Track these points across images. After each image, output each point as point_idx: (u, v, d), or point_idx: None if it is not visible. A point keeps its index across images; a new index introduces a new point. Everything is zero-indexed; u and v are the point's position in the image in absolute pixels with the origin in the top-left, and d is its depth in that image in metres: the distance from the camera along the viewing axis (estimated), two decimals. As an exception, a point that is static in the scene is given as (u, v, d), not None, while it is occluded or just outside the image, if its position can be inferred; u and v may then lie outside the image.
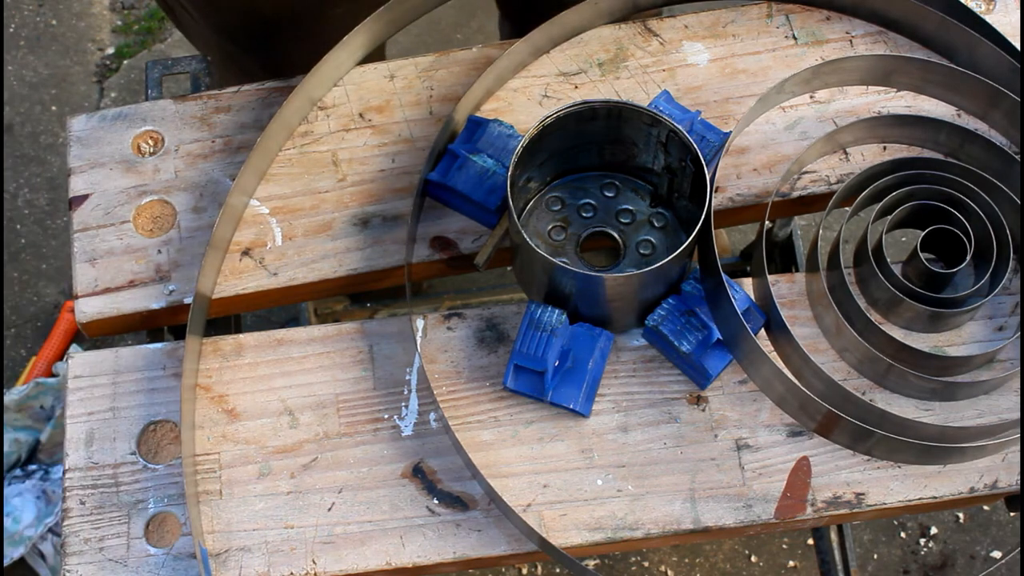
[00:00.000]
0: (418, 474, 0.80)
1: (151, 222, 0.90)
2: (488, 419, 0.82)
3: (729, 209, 0.89)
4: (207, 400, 0.83)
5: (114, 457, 0.81)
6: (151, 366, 0.84)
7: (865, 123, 0.87)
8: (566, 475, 0.80)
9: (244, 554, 0.78)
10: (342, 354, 0.84)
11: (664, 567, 1.61)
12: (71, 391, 0.83)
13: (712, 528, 0.78)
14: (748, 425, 0.81)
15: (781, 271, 1.23)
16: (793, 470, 0.79)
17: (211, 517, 0.79)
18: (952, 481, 0.79)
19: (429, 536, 0.78)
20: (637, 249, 0.85)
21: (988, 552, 1.62)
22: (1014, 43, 0.92)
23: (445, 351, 0.84)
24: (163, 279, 0.87)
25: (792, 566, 1.62)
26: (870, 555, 1.62)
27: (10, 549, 1.52)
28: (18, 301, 1.81)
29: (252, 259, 0.88)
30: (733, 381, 0.82)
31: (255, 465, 0.81)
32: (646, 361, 0.83)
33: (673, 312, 0.81)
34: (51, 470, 1.59)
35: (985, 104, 0.88)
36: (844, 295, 0.81)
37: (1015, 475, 0.79)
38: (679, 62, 0.93)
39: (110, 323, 0.87)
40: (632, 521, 0.79)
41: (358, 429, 0.82)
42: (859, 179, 0.84)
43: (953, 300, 0.81)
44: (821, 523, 0.81)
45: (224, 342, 0.85)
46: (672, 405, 0.82)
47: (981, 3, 0.96)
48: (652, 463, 0.80)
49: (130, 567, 0.78)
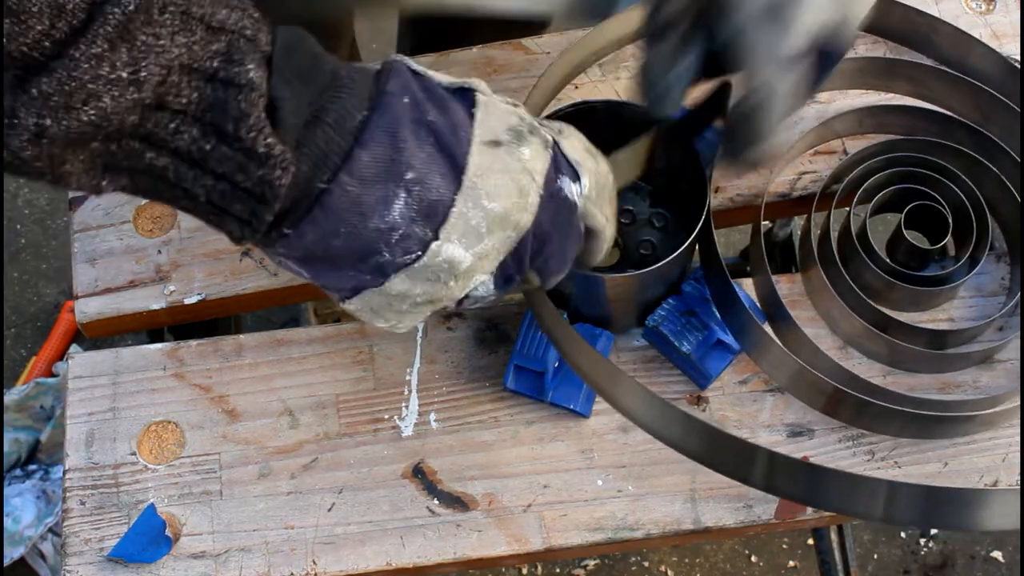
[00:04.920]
0: (418, 474, 0.80)
1: (151, 222, 0.90)
2: (488, 419, 0.82)
3: (729, 209, 0.89)
4: (207, 400, 0.83)
5: (114, 457, 0.81)
6: (151, 366, 0.84)
7: (856, 113, 0.88)
8: (566, 475, 0.80)
9: (244, 554, 0.78)
10: (342, 354, 0.84)
11: (664, 567, 1.61)
12: (71, 391, 0.83)
13: (712, 528, 0.78)
14: (748, 425, 0.81)
15: (781, 271, 1.23)
16: (793, 470, 0.79)
17: (211, 517, 0.79)
18: (952, 481, 0.79)
19: (429, 536, 0.78)
20: (637, 249, 0.85)
21: (988, 552, 1.62)
22: (1014, 43, 0.92)
23: (445, 351, 0.84)
24: (163, 279, 0.87)
25: (792, 566, 1.62)
26: (870, 555, 1.62)
27: (10, 549, 1.52)
28: (18, 301, 1.81)
29: (252, 259, 0.88)
30: (733, 381, 0.82)
31: (255, 465, 0.81)
32: (646, 361, 0.83)
33: (673, 312, 0.81)
34: (51, 470, 1.59)
35: (986, 110, 0.88)
36: (838, 279, 0.82)
37: (1015, 475, 0.79)
38: (679, 62, 0.93)
39: (110, 323, 0.87)
40: (632, 521, 0.79)
41: (358, 429, 0.82)
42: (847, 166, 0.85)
43: (938, 278, 0.83)
44: (821, 523, 0.81)
45: (224, 342, 0.85)
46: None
47: (981, 3, 0.95)
48: (652, 463, 0.80)
49: (130, 567, 0.78)
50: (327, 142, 0.53)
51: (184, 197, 0.53)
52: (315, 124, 0.53)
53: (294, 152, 0.52)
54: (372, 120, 0.54)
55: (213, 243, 0.89)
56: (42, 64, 0.46)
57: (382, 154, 0.54)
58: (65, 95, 0.46)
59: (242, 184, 0.52)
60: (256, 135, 0.51)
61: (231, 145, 0.51)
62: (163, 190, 0.53)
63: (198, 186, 0.52)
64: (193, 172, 0.52)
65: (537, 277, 0.63)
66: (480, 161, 0.57)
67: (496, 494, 0.79)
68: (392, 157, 0.54)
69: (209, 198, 0.53)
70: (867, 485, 0.69)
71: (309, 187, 0.54)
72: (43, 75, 0.46)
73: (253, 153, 0.51)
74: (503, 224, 0.58)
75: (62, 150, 0.48)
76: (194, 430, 0.82)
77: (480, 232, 0.57)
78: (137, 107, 0.48)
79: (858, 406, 0.77)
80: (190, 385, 0.83)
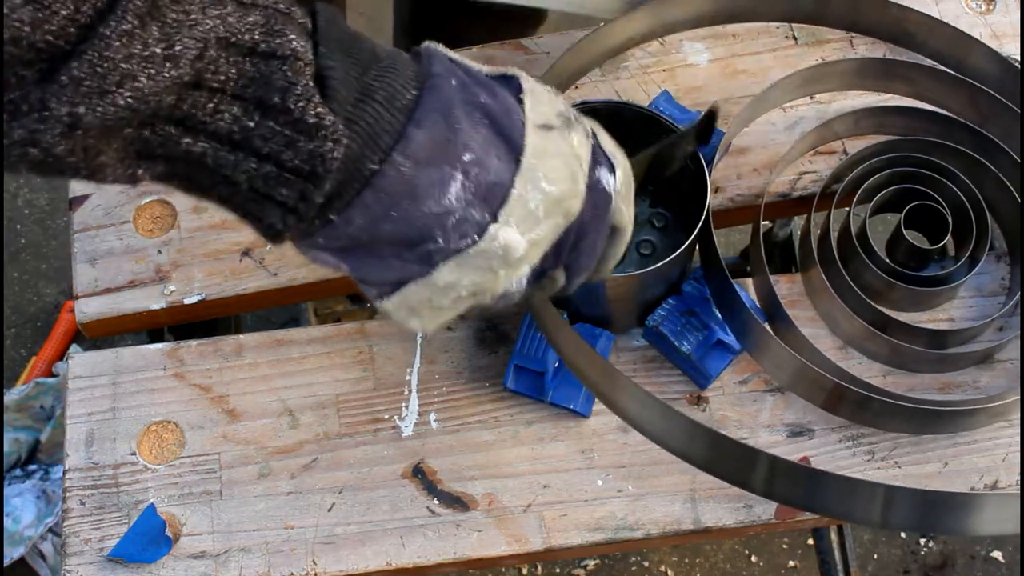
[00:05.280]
0: (418, 474, 0.80)
1: (151, 222, 0.90)
2: (488, 419, 0.82)
3: (729, 209, 0.89)
4: (207, 400, 0.83)
5: (114, 457, 0.81)
6: (151, 366, 0.84)
7: (856, 113, 0.88)
8: (566, 475, 0.80)
9: (244, 554, 0.78)
10: (342, 354, 0.84)
11: (664, 567, 1.61)
12: (71, 391, 0.83)
13: (712, 528, 0.78)
14: (748, 425, 0.81)
15: (781, 271, 1.23)
16: (793, 470, 0.79)
17: (211, 517, 0.79)
18: (952, 481, 0.79)
19: (429, 536, 0.78)
20: (637, 249, 0.85)
21: (988, 552, 1.62)
22: (1014, 43, 0.92)
23: (445, 351, 0.84)
24: (163, 279, 0.87)
25: (792, 566, 1.62)
26: (870, 555, 1.62)
27: (10, 549, 1.52)
28: (18, 301, 1.81)
29: (252, 259, 0.88)
30: (733, 381, 0.82)
31: (255, 465, 0.81)
32: (646, 361, 0.83)
33: (673, 312, 0.81)
34: (51, 470, 1.59)
35: (985, 111, 0.88)
36: (838, 280, 0.82)
37: (1015, 475, 0.79)
38: (679, 62, 0.93)
39: (110, 323, 0.87)
40: (632, 521, 0.79)
41: (358, 429, 0.82)
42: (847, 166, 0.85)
43: (938, 278, 0.83)
44: (821, 523, 0.81)
45: (224, 342, 0.85)
46: (672, 405, 0.81)
47: (981, 3, 0.95)
48: (652, 463, 0.80)
49: (130, 567, 0.78)
50: (377, 120, 0.50)
51: (223, 184, 0.50)
52: (363, 102, 0.50)
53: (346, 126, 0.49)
54: (425, 100, 0.52)
55: (213, 243, 0.89)
56: (68, 52, 0.43)
57: (438, 134, 0.51)
58: (98, 78, 0.43)
59: (290, 163, 0.49)
60: (305, 104, 0.48)
61: (277, 119, 0.48)
62: (200, 178, 0.50)
63: (239, 172, 0.49)
64: (234, 156, 0.48)
65: (564, 275, 0.61)
66: (536, 143, 0.54)
67: (496, 494, 0.79)
68: (448, 138, 0.52)
69: (251, 184, 0.49)
70: (865, 490, 0.69)
71: (358, 168, 0.50)
72: (72, 60, 0.43)
73: (302, 124, 0.48)
74: (558, 209, 0.56)
75: (97, 140, 0.45)
76: (194, 430, 0.82)
77: (537, 216, 0.55)
78: (174, 86, 0.45)
79: (858, 402, 0.77)
80: (190, 385, 0.83)
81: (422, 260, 0.54)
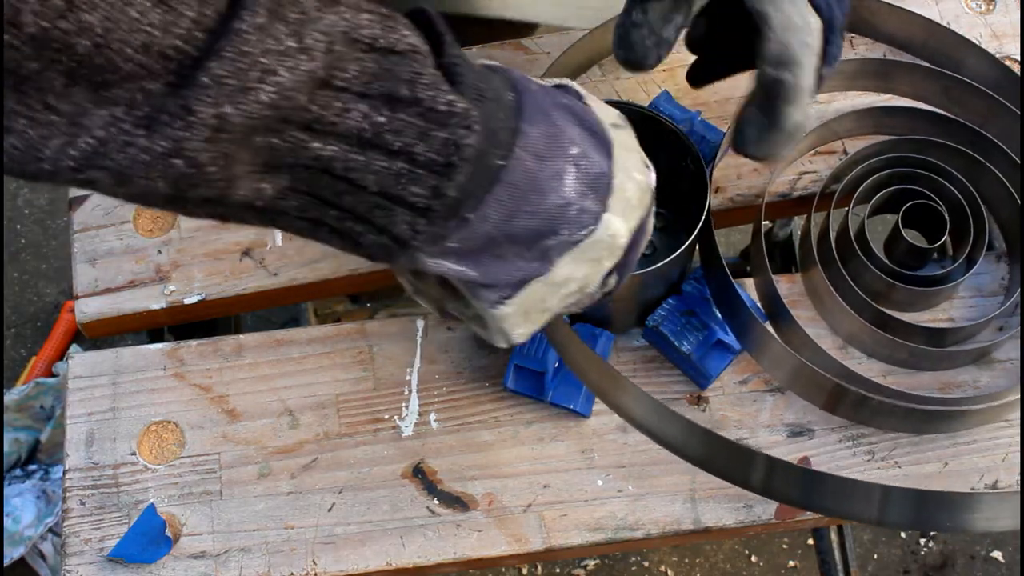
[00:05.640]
0: (418, 474, 0.80)
1: (151, 222, 0.90)
2: (488, 419, 0.82)
3: (729, 209, 0.89)
4: (207, 400, 0.83)
5: (114, 457, 0.81)
6: (151, 366, 0.84)
7: (856, 113, 0.88)
8: (566, 475, 0.80)
9: (244, 554, 0.78)
10: (342, 354, 0.84)
11: (664, 567, 1.61)
12: (71, 391, 0.83)
13: (712, 528, 0.78)
14: (748, 425, 0.81)
15: (781, 271, 1.23)
16: (793, 470, 0.79)
17: (211, 517, 0.79)
18: (952, 481, 0.79)
19: (429, 536, 0.78)
20: (637, 249, 0.85)
21: (988, 552, 1.62)
22: (1014, 43, 0.92)
23: (445, 351, 0.84)
24: (163, 279, 0.87)
25: (792, 566, 1.62)
26: (870, 555, 1.62)
27: (10, 549, 1.52)
28: (18, 301, 1.81)
29: (252, 259, 0.88)
30: (733, 381, 0.82)
31: (255, 465, 0.81)
32: (646, 361, 0.83)
33: (673, 312, 0.81)
34: (51, 470, 1.59)
35: (984, 112, 0.88)
36: (838, 279, 0.82)
37: (1015, 475, 0.79)
38: (679, 62, 0.93)
39: (110, 323, 0.87)
40: (632, 521, 0.79)
41: (358, 429, 0.82)
42: (847, 166, 0.85)
43: (937, 277, 0.83)
44: (821, 523, 0.81)
45: (224, 342, 0.85)
46: (672, 405, 0.81)
47: (981, 3, 0.95)
48: (652, 463, 0.80)
49: (130, 567, 0.78)
50: (493, 117, 0.51)
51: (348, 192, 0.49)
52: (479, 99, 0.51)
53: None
54: (524, 99, 0.53)
55: (213, 243, 0.89)
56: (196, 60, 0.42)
57: (547, 130, 0.53)
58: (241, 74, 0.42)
59: (422, 156, 0.48)
60: (435, 93, 0.48)
61: (407, 110, 0.48)
62: (323, 187, 0.49)
63: (368, 173, 0.48)
64: (364, 156, 0.48)
65: (616, 278, 0.61)
66: (618, 138, 0.57)
67: (496, 494, 0.79)
68: (555, 133, 0.54)
69: (381, 186, 0.49)
70: (862, 489, 0.69)
71: (486, 164, 0.51)
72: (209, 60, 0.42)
73: (434, 113, 0.48)
74: (644, 199, 0.58)
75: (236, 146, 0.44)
76: (194, 430, 0.82)
77: (633, 205, 0.57)
78: (309, 81, 0.45)
79: (858, 402, 0.77)
80: (190, 385, 0.83)
81: (541, 258, 0.55)
